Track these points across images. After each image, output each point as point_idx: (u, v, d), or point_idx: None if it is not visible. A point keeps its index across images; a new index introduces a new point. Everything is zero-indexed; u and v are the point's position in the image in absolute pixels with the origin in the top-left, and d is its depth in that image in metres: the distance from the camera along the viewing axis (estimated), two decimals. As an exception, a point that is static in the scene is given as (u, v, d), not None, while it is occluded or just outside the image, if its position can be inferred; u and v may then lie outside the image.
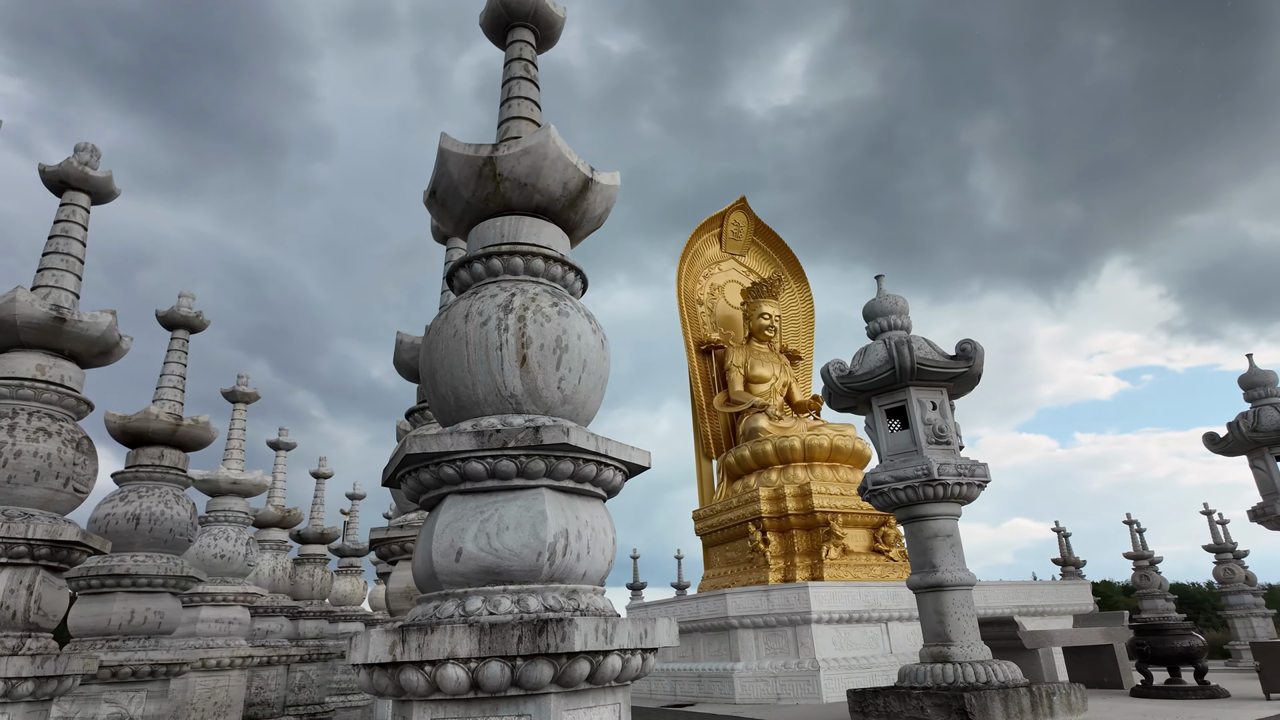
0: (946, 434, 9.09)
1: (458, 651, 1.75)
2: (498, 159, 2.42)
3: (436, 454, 2.09)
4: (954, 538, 8.83)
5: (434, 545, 2.05)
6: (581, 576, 2.07)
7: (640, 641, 1.93)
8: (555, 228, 2.57)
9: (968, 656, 8.21)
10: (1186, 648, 10.18)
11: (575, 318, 2.30)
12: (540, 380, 2.17)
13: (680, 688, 14.16)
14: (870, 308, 10.09)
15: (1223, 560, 19.11)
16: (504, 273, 2.43)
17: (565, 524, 2.05)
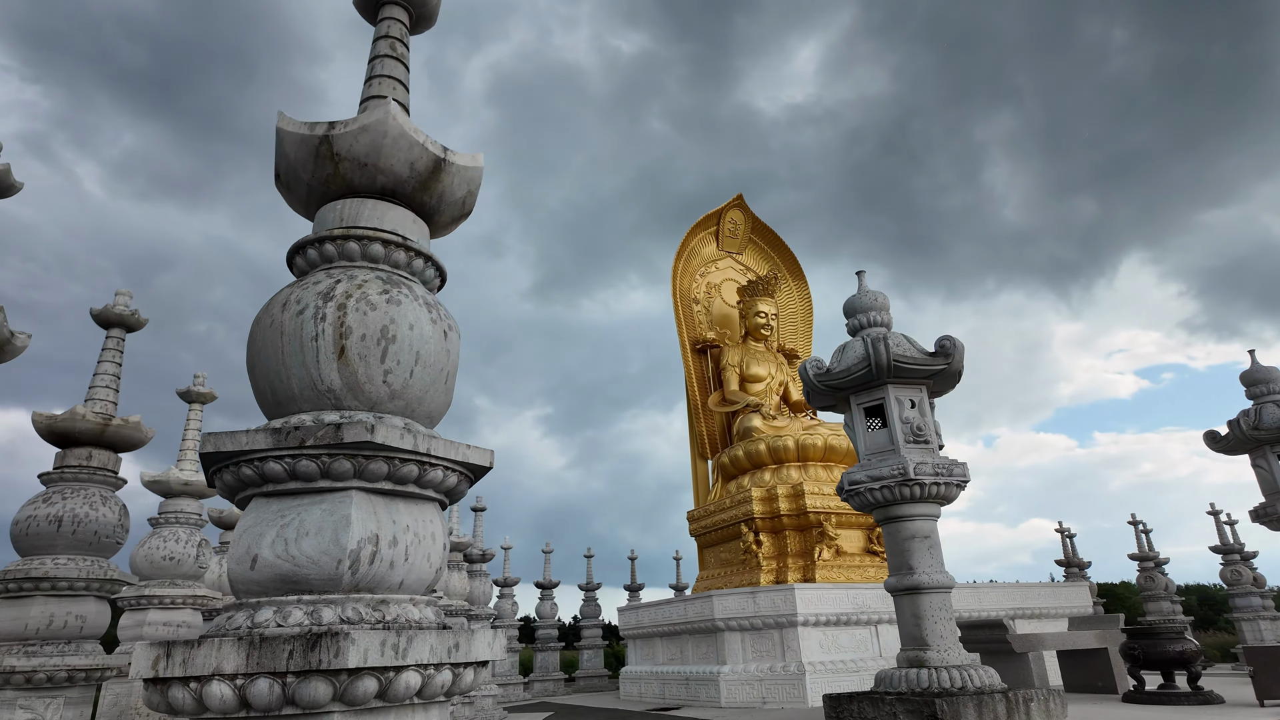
0: (925, 433, 8.87)
1: (223, 667, 1.61)
2: (334, 138, 2.28)
3: (231, 453, 1.94)
4: (932, 539, 8.60)
5: (230, 551, 1.91)
6: (397, 585, 1.92)
7: (449, 656, 1.78)
8: (405, 211, 2.42)
9: (944, 661, 7.98)
10: (1179, 652, 9.89)
11: (409, 306, 2.15)
12: (362, 374, 2.03)
13: (669, 690, 13.99)
14: (850, 304, 9.88)
15: (1229, 561, 18.69)
16: (339, 259, 2.28)
17: (375, 529, 1.91)
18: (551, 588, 19.71)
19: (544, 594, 19.63)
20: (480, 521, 14.58)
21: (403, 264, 2.33)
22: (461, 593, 11.89)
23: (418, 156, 2.34)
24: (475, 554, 14.02)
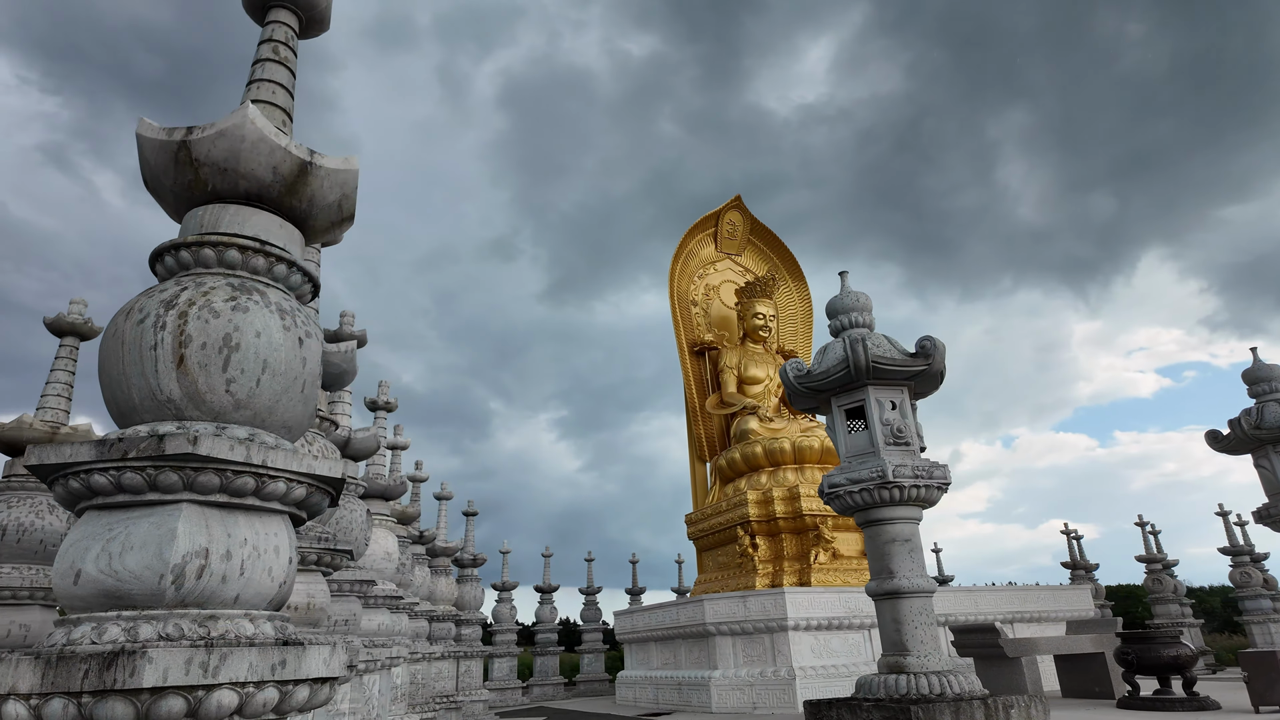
0: (906, 434, 8.74)
1: (19, 686, 1.58)
2: (191, 143, 2.25)
3: (56, 465, 1.91)
4: (913, 542, 8.47)
5: (55, 566, 1.87)
6: (232, 600, 1.88)
7: (273, 674, 1.73)
8: (271, 216, 2.39)
9: (924, 667, 7.85)
10: (1173, 657, 9.68)
11: (257, 313, 2.11)
12: (202, 383, 1.99)
13: (662, 695, 13.89)
14: (831, 305, 9.78)
15: (1239, 563, 18.34)
16: (195, 266, 2.25)
17: (206, 543, 1.87)
18: (551, 591, 19.68)
19: (543, 598, 19.60)
20: (472, 526, 14.58)
21: (262, 270, 2.30)
22: (448, 598, 11.87)
23: (280, 160, 2.31)
24: (466, 559, 14.01)
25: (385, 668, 6.29)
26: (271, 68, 2.59)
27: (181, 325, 1.98)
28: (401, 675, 7.81)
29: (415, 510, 8.36)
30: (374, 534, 6.67)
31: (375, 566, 6.58)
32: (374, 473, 6.94)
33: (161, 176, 2.29)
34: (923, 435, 9.08)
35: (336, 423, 3.97)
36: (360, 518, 5.23)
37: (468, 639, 13.10)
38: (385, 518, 6.85)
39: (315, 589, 3.45)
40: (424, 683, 9.50)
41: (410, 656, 7.83)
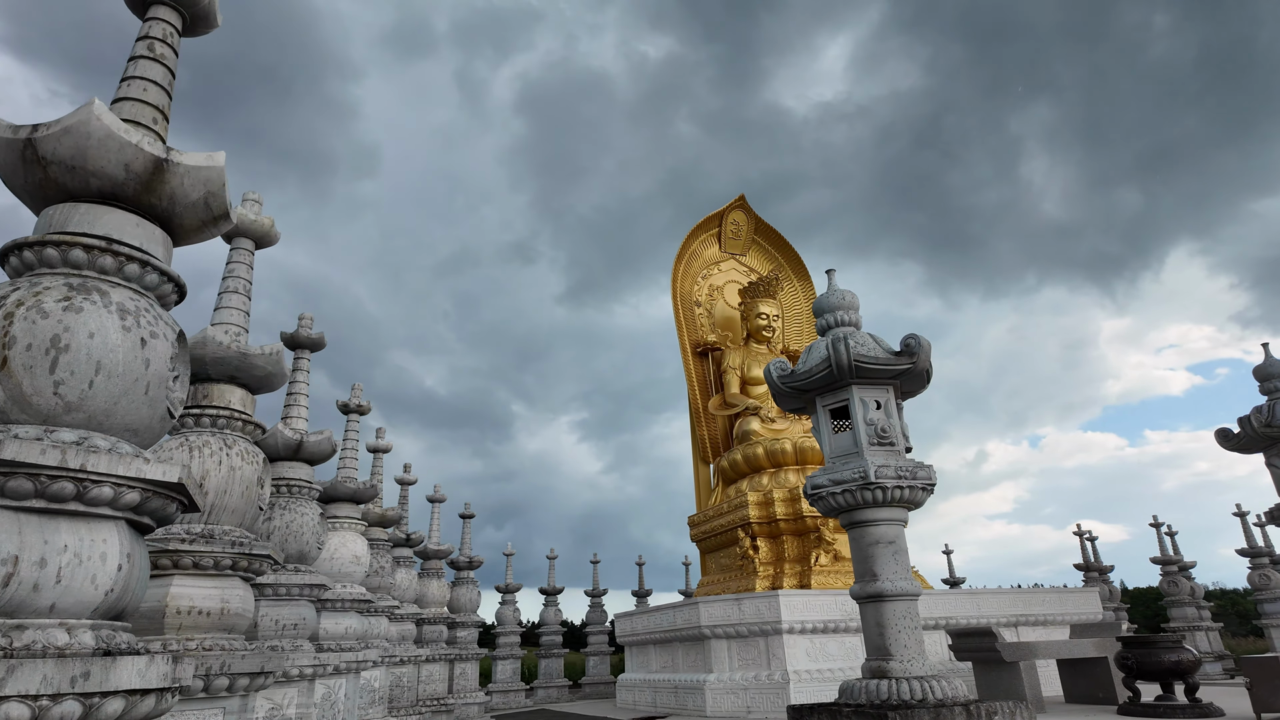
0: (890, 434, 8.57)
1: None
2: (37, 141, 2.20)
3: None
4: (897, 544, 8.30)
5: None
6: (48, 610, 1.82)
7: (73, 686, 1.67)
8: (128, 215, 2.34)
9: (906, 672, 7.69)
10: (1175, 662, 9.41)
11: (91, 313, 2.06)
12: (28, 385, 1.94)
13: (660, 699, 13.79)
14: (818, 304, 9.63)
15: (1258, 565, 17.84)
16: (39, 265, 2.20)
17: (17, 550, 1.81)
18: (555, 594, 19.65)
19: (548, 600, 19.57)
20: (468, 528, 14.57)
21: (110, 269, 2.25)
22: (440, 600, 11.86)
23: (132, 158, 2.26)
24: (461, 561, 14.00)
25: (353, 671, 6.25)
26: (145, 65, 2.54)
27: (6, 326, 1.94)
28: (380, 678, 7.78)
29: (396, 513, 8.34)
30: (341, 537, 6.64)
31: (342, 570, 6.56)
32: (344, 476, 6.92)
33: (13, 175, 2.26)
34: (908, 435, 8.91)
35: (262, 426, 3.93)
36: (311, 521, 5.19)
37: (463, 641, 13.08)
38: (355, 521, 6.82)
39: (230, 594, 3.40)
40: (410, 686, 9.49)
41: (389, 660, 7.79)
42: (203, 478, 3.42)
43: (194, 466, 3.45)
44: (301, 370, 5.60)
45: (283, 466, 5.23)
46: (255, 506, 3.66)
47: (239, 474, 3.52)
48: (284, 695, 4.68)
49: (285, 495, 5.13)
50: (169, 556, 3.30)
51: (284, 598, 4.84)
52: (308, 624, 4.98)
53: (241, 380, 3.75)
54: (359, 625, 6.52)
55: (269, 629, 4.77)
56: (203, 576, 3.36)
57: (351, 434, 7.20)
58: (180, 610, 3.32)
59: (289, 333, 5.58)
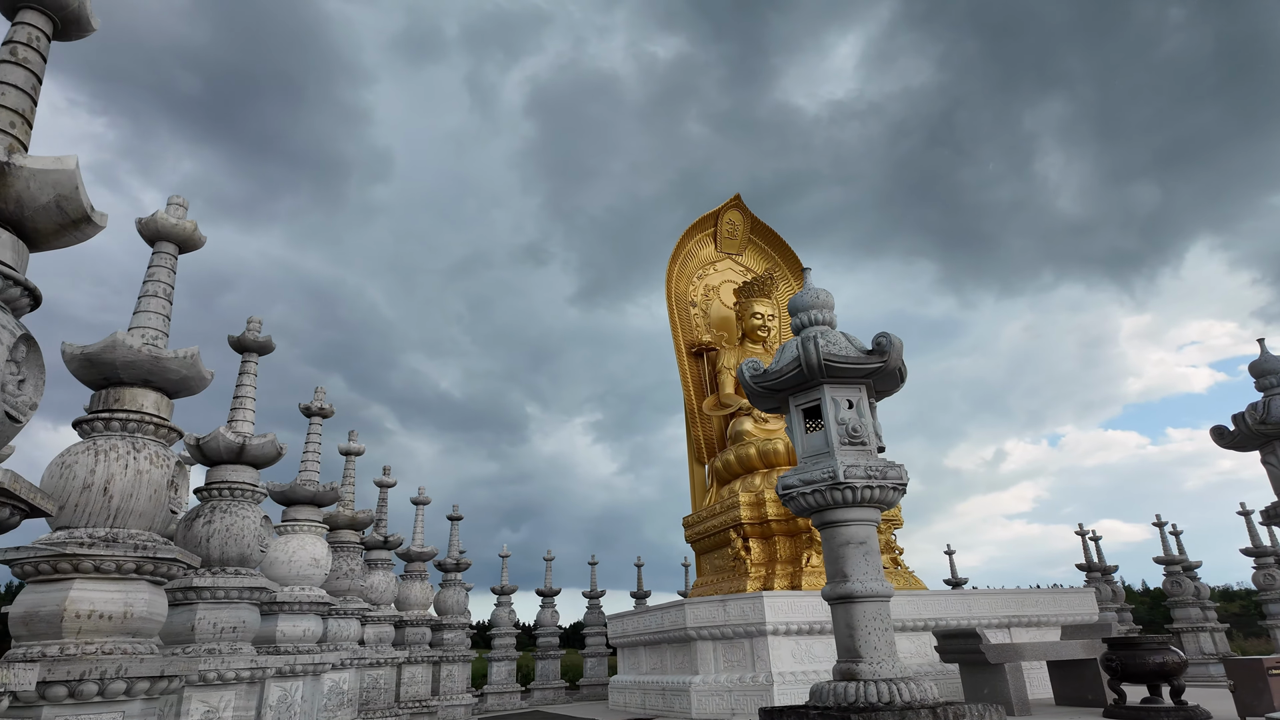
0: (862, 434, 8.49)
1: None
2: None
3: None
4: (868, 545, 8.22)
5: None
6: None
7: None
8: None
9: (875, 674, 7.60)
10: (1159, 664, 9.25)
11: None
12: None
13: (649, 700, 13.74)
14: (793, 303, 9.56)
15: (1262, 565, 17.53)
16: None
17: None
18: (552, 595, 19.66)
19: (545, 601, 19.59)
20: (456, 530, 14.59)
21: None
22: (423, 602, 11.87)
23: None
24: (449, 563, 14.02)
25: (310, 674, 6.25)
26: (6, 69, 2.55)
27: None
28: (349, 680, 7.78)
29: (368, 515, 8.35)
30: (300, 540, 6.65)
31: (300, 573, 6.56)
32: (304, 479, 6.94)
33: None
34: (881, 435, 8.83)
35: (178, 430, 3.94)
36: (253, 525, 5.20)
37: (450, 643, 13.09)
38: (315, 524, 6.83)
39: (134, 597, 3.40)
40: (388, 688, 9.49)
41: (358, 661, 7.80)
42: (107, 481, 3.43)
43: (99, 470, 3.46)
44: (249, 374, 5.62)
45: (226, 470, 5.24)
46: (166, 510, 3.66)
47: (146, 477, 3.52)
48: (220, 698, 4.68)
49: (227, 498, 5.14)
50: (68, 560, 3.31)
51: (222, 601, 4.85)
52: (248, 627, 4.98)
53: (156, 384, 3.76)
54: (317, 627, 6.52)
55: (206, 632, 4.78)
56: (105, 580, 3.37)
57: (314, 437, 7.21)
58: (80, 614, 3.32)
59: (236, 336, 5.60)
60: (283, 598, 6.29)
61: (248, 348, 5.67)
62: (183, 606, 4.85)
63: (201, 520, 5.06)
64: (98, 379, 3.70)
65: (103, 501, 3.53)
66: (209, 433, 5.26)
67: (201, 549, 4.99)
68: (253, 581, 5.02)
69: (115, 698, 3.15)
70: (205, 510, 5.11)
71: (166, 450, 3.75)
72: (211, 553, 4.94)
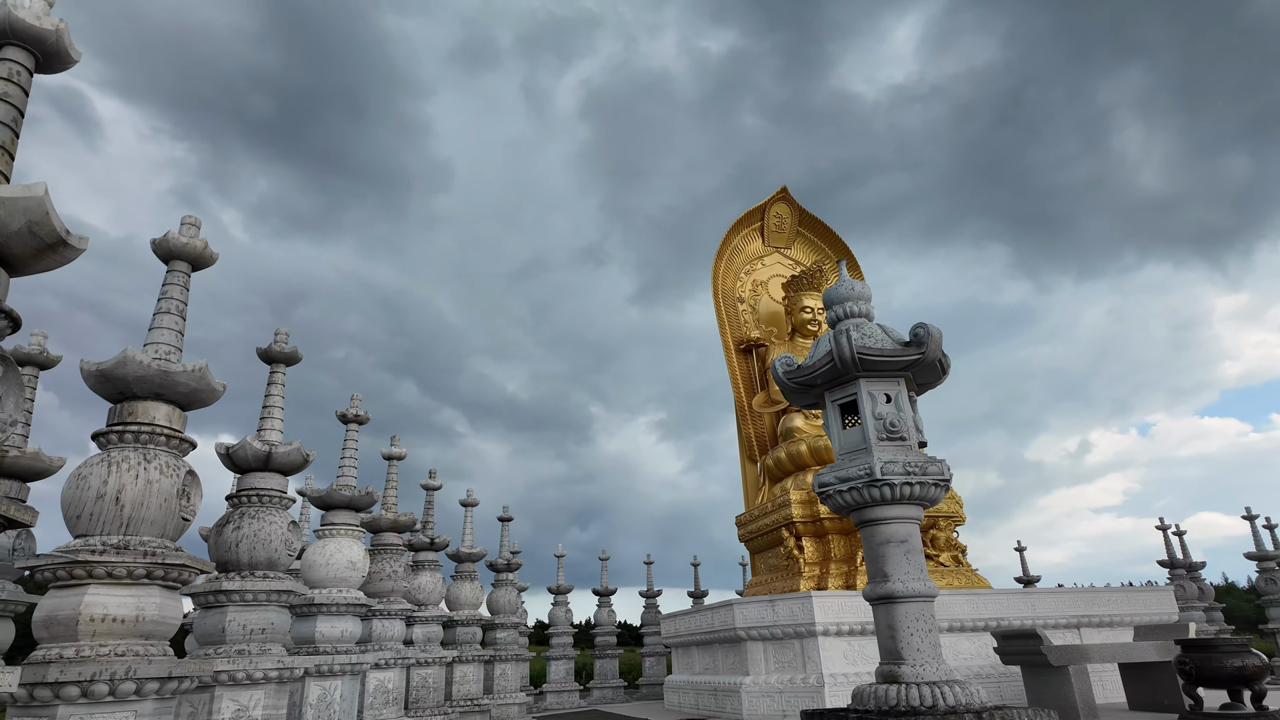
0: (900, 429, 8.24)
1: None
2: None
3: None
4: (909, 543, 7.97)
5: None
6: None
7: None
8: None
9: (918, 677, 7.35)
10: (1238, 668, 8.64)
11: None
12: None
13: (701, 701, 13.66)
14: (828, 296, 9.34)
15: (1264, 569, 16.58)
16: None
17: None
18: (609, 594, 19.76)
19: (601, 601, 19.70)
20: (507, 531, 14.79)
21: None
22: (473, 602, 12.08)
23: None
24: (500, 564, 14.23)
25: (349, 673, 6.44)
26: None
27: None
28: (394, 679, 7.97)
29: (409, 518, 8.56)
30: (337, 544, 6.85)
31: (338, 576, 6.75)
32: (341, 484, 7.15)
33: None
34: (922, 429, 8.55)
35: (191, 440, 4.10)
36: (279, 530, 5.37)
37: (502, 642, 13.30)
38: (352, 527, 7.03)
39: (146, 602, 3.56)
40: (437, 686, 9.70)
41: (403, 661, 7.99)
42: (119, 491, 3.60)
43: (111, 480, 3.63)
44: (276, 384, 5.81)
45: (255, 477, 5.44)
46: (177, 517, 3.82)
47: (156, 487, 3.68)
48: (250, 697, 4.86)
49: (255, 505, 5.33)
50: (82, 567, 3.49)
51: (251, 604, 5.03)
52: (276, 628, 5.15)
53: (167, 397, 3.93)
54: (355, 628, 6.71)
55: (237, 633, 4.97)
56: (117, 585, 3.53)
57: (351, 443, 7.42)
58: (94, 618, 3.50)
59: (264, 347, 5.80)
60: (320, 600, 6.50)
61: (275, 359, 5.86)
62: (214, 609, 5.06)
63: (231, 526, 5.25)
64: (113, 393, 3.89)
65: (115, 510, 3.69)
66: (238, 441, 5.46)
67: (231, 554, 5.18)
68: (280, 585, 5.19)
69: (126, 697, 3.30)
70: (235, 516, 5.30)
71: (177, 460, 3.91)
72: (240, 557, 5.13)
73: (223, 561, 5.23)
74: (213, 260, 4.47)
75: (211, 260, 4.46)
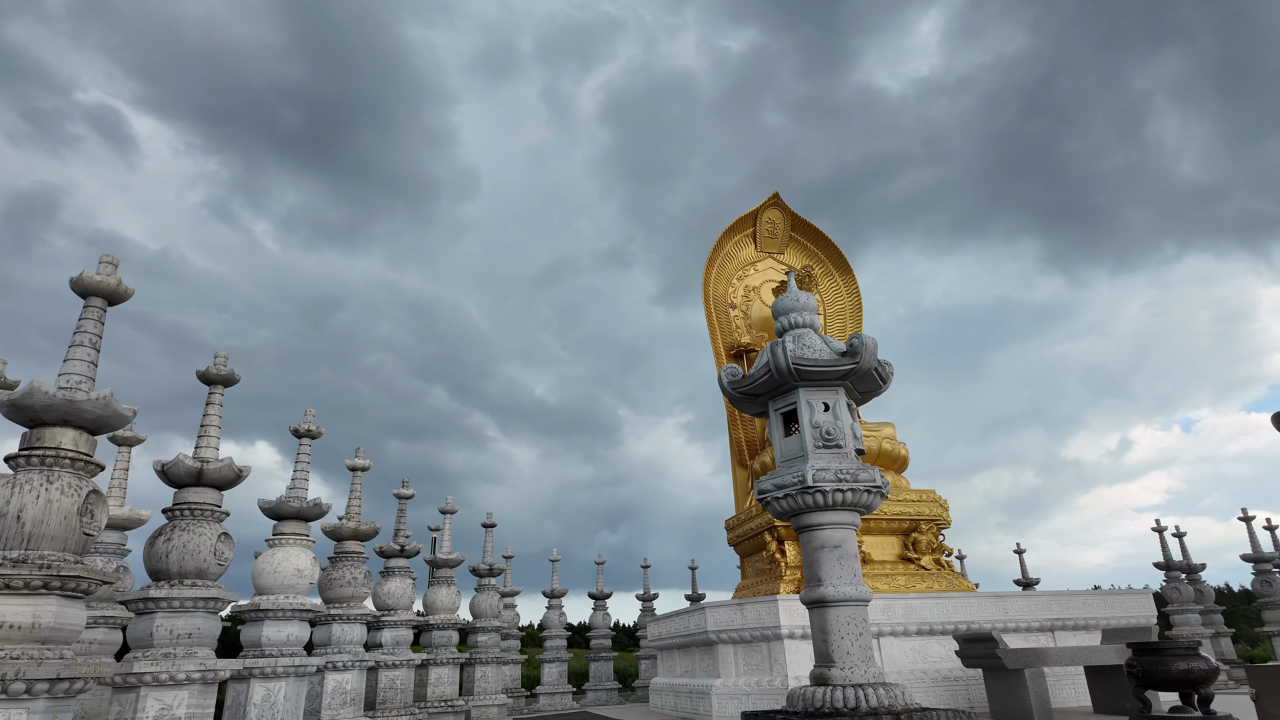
0: (836, 436, 8.44)
1: None
2: None
3: None
4: (843, 549, 8.16)
5: None
6: None
7: None
8: None
9: (846, 679, 7.55)
10: (1184, 670, 8.69)
11: None
12: None
13: (680, 703, 13.91)
14: (775, 307, 9.57)
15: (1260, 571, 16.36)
16: None
17: None
18: (604, 598, 20.08)
19: (596, 604, 20.03)
20: (490, 537, 15.17)
21: None
22: (449, 606, 12.45)
23: None
24: (482, 569, 14.61)
25: (295, 675, 6.82)
26: None
27: None
28: (352, 680, 8.35)
29: (370, 527, 8.94)
30: (285, 553, 7.25)
31: (285, 583, 7.14)
32: (291, 495, 7.54)
33: None
34: (860, 437, 8.72)
35: (98, 463, 4.49)
36: (208, 541, 5.77)
37: (482, 645, 13.65)
38: (301, 537, 7.42)
39: (42, 610, 3.93)
40: (404, 688, 10.06)
41: (360, 663, 8.36)
42: (20, 510, 3.98)
43: (14, 500, 4.02)
44: (214, 404, 6.21)
45: (188, 491, 5.83)
46: (79, 533, 4.20)
47: (56, 505, 4.06)
48: (174, 696, 5.23)
49: (187, 518, 5.72)
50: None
51: (178, 610, 5.41)
52: (203, 633, 5.53)
53: (74, 423, 4.31)
54: (301, 632, 7.09)
55: (164, 637, 5.35)
56: (15, 596, 3.91)
57: (303, 457, 7.81)
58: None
59: (201, 370, 6.21)
60: (265, 605, 6.90)
61: (213, 380, 6.26)
62: (145, 615, 5.45)
63: (162, 538, 5.65)
64: (25, 420, 4.28)
65: (16, 528, 4.07)
66: (172, 459, 5.86)
67: (162, 564, 5.57)
68: (207, 592, 5.57)
69: (18, 696, 3.68)
70: (166, 529, 5.70)
71: (81, 481, 4.30)
72: (170, 567, 5.52)
73: (154, 571, 5.62)
74: (127, 296, 4.85)
75: (126, 296, 4.85)
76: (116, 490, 8.58)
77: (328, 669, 8.23)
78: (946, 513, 16.21)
